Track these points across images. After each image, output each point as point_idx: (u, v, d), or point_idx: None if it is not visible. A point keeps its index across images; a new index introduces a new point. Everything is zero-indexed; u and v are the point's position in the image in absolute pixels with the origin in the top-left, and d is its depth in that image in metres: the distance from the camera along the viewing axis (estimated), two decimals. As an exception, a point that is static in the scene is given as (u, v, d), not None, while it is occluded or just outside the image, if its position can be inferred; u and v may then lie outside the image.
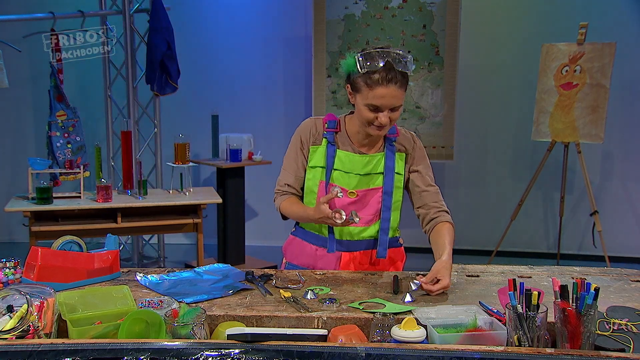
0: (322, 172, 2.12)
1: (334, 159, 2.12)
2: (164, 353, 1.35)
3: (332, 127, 2.14)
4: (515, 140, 5.51)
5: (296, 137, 2.18)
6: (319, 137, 2.15)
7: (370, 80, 1.95)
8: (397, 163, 2.14)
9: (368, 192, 2.12)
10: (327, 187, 2.11)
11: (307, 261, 2.19)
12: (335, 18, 5.05)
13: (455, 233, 2.12)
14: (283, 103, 5.71)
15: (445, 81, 5.01)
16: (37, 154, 5.40)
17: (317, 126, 2.16)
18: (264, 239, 5.62)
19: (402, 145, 2.16)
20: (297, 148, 2.16)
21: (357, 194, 2.11)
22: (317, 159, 2.13)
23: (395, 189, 2.13)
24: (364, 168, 2.11)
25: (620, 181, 5.44)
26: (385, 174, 2.12)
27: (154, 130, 5.07)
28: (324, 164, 2.12)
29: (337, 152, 2.12)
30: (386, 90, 1.94)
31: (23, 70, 5.51)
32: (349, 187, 2.11)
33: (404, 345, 1.42)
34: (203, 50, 5.64)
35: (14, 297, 1.55)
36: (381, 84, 1.94)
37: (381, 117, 1.98)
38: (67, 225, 3.91)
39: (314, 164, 2.14)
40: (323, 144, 2.14)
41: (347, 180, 2.11)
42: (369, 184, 2.12)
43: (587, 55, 4.58)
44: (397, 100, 1.97)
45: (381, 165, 2.12)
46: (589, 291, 1.45)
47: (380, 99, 1.95)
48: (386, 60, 1.94)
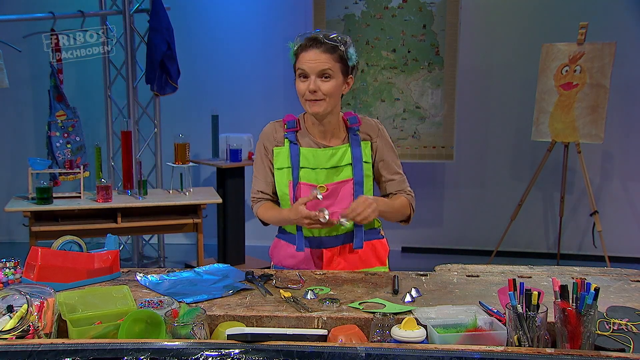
0: (289, 172, 2.13)
1: (299, 157, 2.13)
2: (164, 353, 1.35)
3: (292, 127, 2.16)
4: (515, 140, 5.51)
5: (259, 144, 2.22)
6: (280, 139, 2.17)
7: (298, 51, 2.06)
8: (364, 152, 2.15)
9: (338, 185, 2.12)
10: (295, 187, 2.11)
11: (291, 263, 2.19)
12: (335, 18, 5.05)
13: (412, 215, 2.20)
14: (283, 103, 5.71)
15: (445, 81, 5.01)
16: (37, 154, 5.40)
17: (277, 129, 2.19)
18: (264, 239, 5.58)
19: (366, 134, 2.17)
20: (262, 154, 2.20)
21: (327, 188, 2.11)
22: (281, 160, 2.15)
23: (366, 178, 2.14)
24: (329, 161, 2.11)
25: (620, 181, 5.44)
26: (354, 164, 2.13)
27: (154, 130, 5.07)
28: (289, 164, 2.13)
29: (300, 150, 2.13)
30: (309, 54, 2.01)
31: (23, 70, 5.51)
32: (318, 182, 2.11)
33: (404, 345, 1.42)
34: (203, 50, 5.65)
35: (14, 297, 1.55)
36: (304, 50, 2.04)
37: (310, 84, 2.01)
38: (67, 225, 3.91)
39: (280, 165, 2.15)
40: (285, 144, 2.15)
41: (314, 176, 2.11)
42: (338, 176, 2.12)
43: (587, 55, 4.58)
44: (321, 64, 2.00)
45: (347, 156, 2.13)
46: (589, 291, 1.45)
47: (304, 62, 2.02)
48: (314, 34, 2.04)
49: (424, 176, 5.53)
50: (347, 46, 2.05)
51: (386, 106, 5.09)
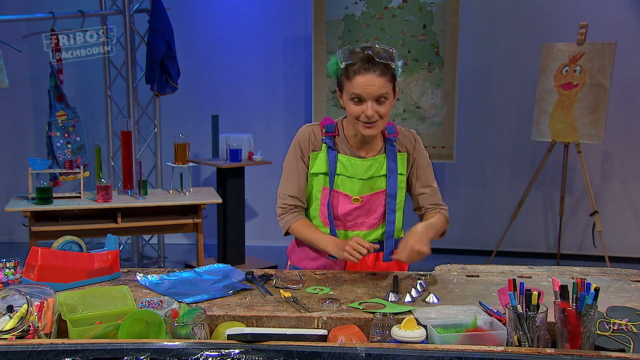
0: (325, 179, 2.09)
1: (336, 164, 2.08)
2: (164, 353, 1.35)
3: (330, 131, 2.10)
4: (515, 140, 5.51)
5: (294, 145, 2.13)
6: (318, 144, 2.10)
7: (350, 72, 1.95)
8: (399, 164, 2.11)
9: (372, 197, 2.09)
10: (330, 194, 2.08)
11: (312, 266, 2.16)
12: (335, 18, 5.05)
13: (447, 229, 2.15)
14: (283, 103, 5.71)
15: (445, 81, 5.01)
16: (37, 154, 5.40)
17: (315, 132, 2.11)
18: (264, 239, 5.62)
19: (404, 145, 2.13)
20: (297, 157, 2.11)
21: (361, 200, 2.08)
22: (318, 165, 2.09)
23: (399, 190, 2.11)
24: (366, 172, 2.08)
25: (620, 181, 5.44)
26: (389, 176, 2.09)
27: (154, 130, 5.07)
28: (326, 169, 2.08)
29: (338, 157, 2.08)
30: (365, 78, 1.93)
31: (23, 70, 5.51)
32: (353, 192, 2.08)
33: (404, 345, 1.42)
34: (203, 50, 5.65)
35: (14, 297, 1.55)
36: (359, 73, 1.94)
37: (366, 109, 1.95)
38: (67, 226, 3.91)
39: (316, 170, 2.09)
40: (323, 149, 2.09)
41: (350, 186, 2.08)
42: (373, 188, 2.09)
43: (587, 55, 4.58)
44: (379, 89, 1.93)
45: (384, 168, 2.09)
46: (589, 291, 1.45)
47: (361, 88, 1.93)
48: (365, 52, 1.94)
49: (424, 176, 5.52)
50: (396, 61, 1.98)
51: (386, 106, 5.09)
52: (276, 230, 2.25)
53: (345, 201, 2.08)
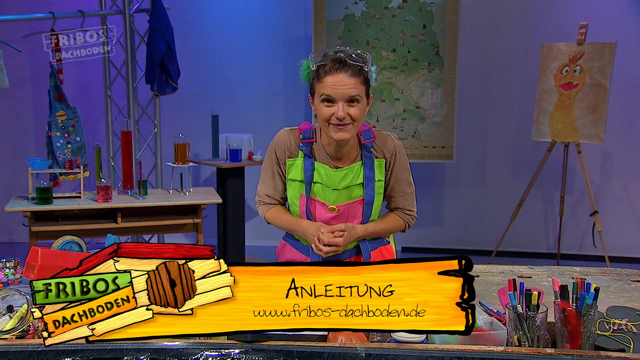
0: (302, 186, 2.07)
1: (313, 172, 2.05)
2: (164, 353, 1.36)
3: (307, 137, 2.06)
4: (515, 140, 5.51)
5: (271, 150, 2.11)
6: (294, 150, 2.07)
7: (320, 72, 1.92)
8: (377, 170, 2.07)
9: (349, 206, 2.07)
10: (307, 201, 2.07)
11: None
12: (335, 18, 5.05)
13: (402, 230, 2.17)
14: (283, 103, 5.71)
15: (445, 81, 5.01)
16: (37, 154, 5.40)
17: (291, 139, 2.08)
18: (264, 239, 5.62)
19: (381, 151, 2.08)
20: (273, 162, 2.11)
21: (337, 209, 2.07)
22: (294, 172, 2.08)
23: (377, 196, 2.09)
24: (341, 182, 2.05)
25: (620, 181, 5.44)
26: (366, 184, 2.06)
27: (154, 130, 5.07)
28: (302, 177, 2.06)
29: (315, 165, 2.06)
30: (335, 78, 1.89)
31: (23, 70, 5.51)
32: (329, 201, 2.06)
33: (404, 345, 1.42)
34: (203, 50, 5.64)
35: (14, 297, 1.56)
36: (329, 73, 1.91)
37: (337, 111, 1.90)
38: (67, 225, 3.91)
39: (293, 177, 2.09)
40: (300, 156, 2.06)
41: (327, 194, 2.06)
42: (350, 196, 2.07)
43: (587, 55, 4.58)
44: (350, 90, 1.89)
45: (360, 176, 2.06)
46: (589, 291, 1.45)
47: (331, 88, 1.90)
48: (337, 54, 1.92)
49: (424, 176, 5.53)
50: (369, 65, 1.95)
51: (386, 106, 5.09)
52: (276, 230, 2.25)
53: (322, 210, 2.08)
